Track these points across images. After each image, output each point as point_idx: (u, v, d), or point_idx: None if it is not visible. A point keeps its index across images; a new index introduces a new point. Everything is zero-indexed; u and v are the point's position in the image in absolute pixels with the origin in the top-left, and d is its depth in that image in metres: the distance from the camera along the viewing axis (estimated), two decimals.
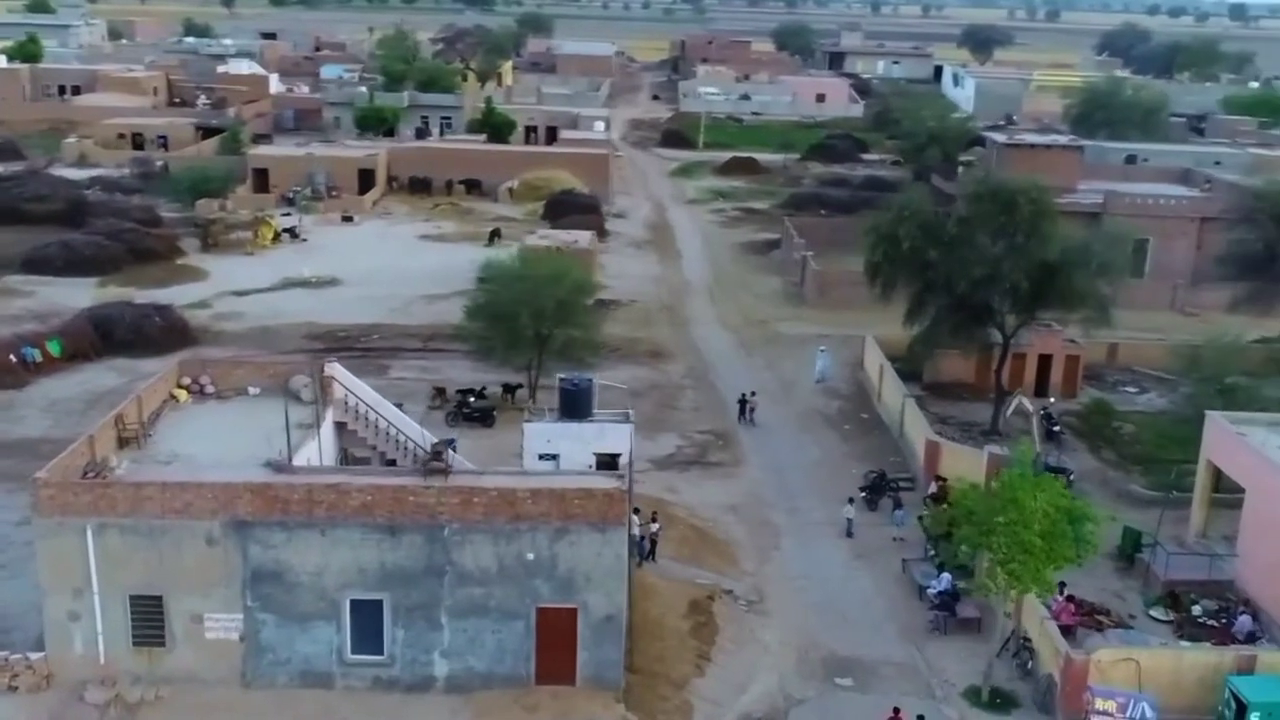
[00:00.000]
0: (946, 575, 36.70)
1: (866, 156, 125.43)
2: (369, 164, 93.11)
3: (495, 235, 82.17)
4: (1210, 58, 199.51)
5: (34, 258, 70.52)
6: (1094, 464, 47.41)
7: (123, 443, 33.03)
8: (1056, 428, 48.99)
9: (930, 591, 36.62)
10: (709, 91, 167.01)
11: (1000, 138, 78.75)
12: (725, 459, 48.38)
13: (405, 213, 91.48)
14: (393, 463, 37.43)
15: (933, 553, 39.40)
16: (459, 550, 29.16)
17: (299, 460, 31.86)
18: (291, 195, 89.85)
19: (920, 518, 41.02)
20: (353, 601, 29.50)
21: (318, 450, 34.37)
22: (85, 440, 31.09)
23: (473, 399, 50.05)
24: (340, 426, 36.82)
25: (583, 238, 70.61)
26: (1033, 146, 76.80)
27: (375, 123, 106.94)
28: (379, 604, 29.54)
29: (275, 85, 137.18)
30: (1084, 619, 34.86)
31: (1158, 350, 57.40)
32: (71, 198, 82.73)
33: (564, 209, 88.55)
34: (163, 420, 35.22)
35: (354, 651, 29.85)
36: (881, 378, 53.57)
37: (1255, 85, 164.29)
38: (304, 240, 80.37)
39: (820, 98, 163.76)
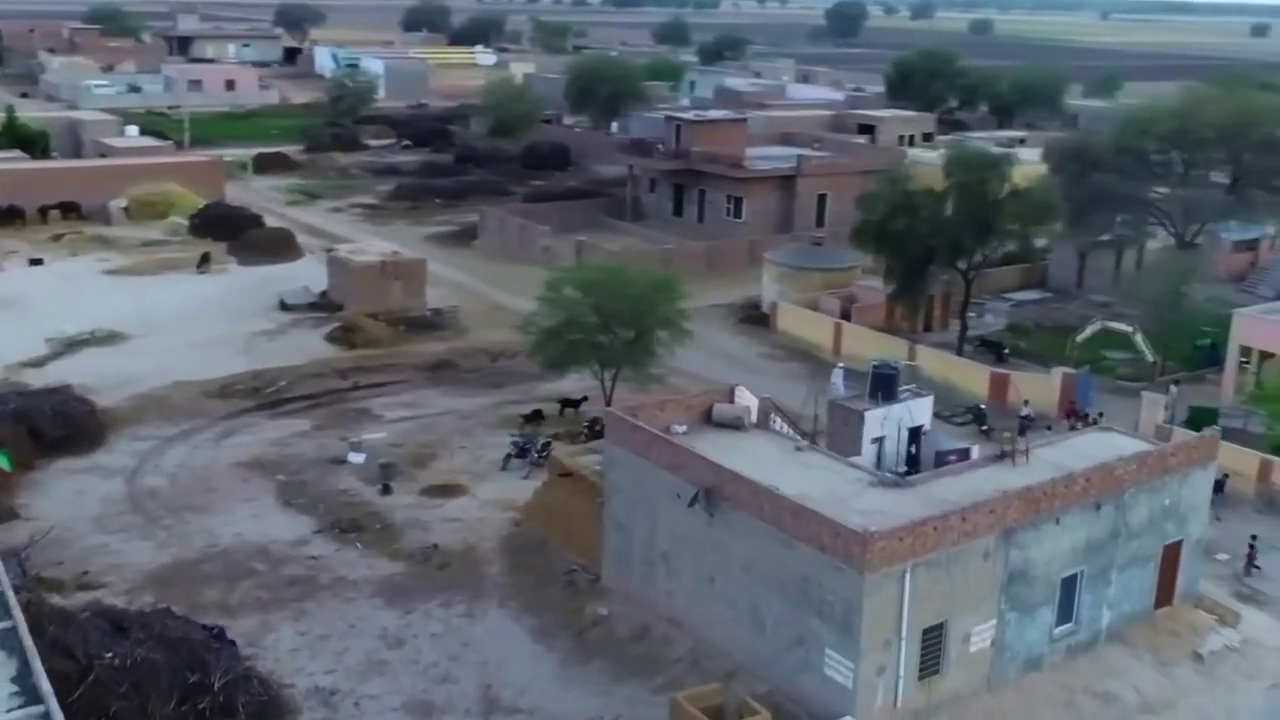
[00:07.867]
0: None
1: (373, 142, 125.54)
2: None
3: (206, 260, 73.69)
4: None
5: None
6: None
7: None
8: None
9: None
10: (100, 85, 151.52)
11: (688, 115, 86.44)
12: None
13: (27, 249, 76.77)
14: None
15: None
16: (1128, 514, 32.87)
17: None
18: None
19: None
20: (1062, 580, 31.84)
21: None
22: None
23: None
24: None
25: (401, 249, 67.01)
26: (711, 121, 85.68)
27: None
28: (1075, 576, 32.16)
29: None
30: None
31: None
32: None
33: (229, 224, 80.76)
34: None
35: (1057, 625, 32.15)
36: None
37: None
38: None
39: (230, 84, 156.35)
